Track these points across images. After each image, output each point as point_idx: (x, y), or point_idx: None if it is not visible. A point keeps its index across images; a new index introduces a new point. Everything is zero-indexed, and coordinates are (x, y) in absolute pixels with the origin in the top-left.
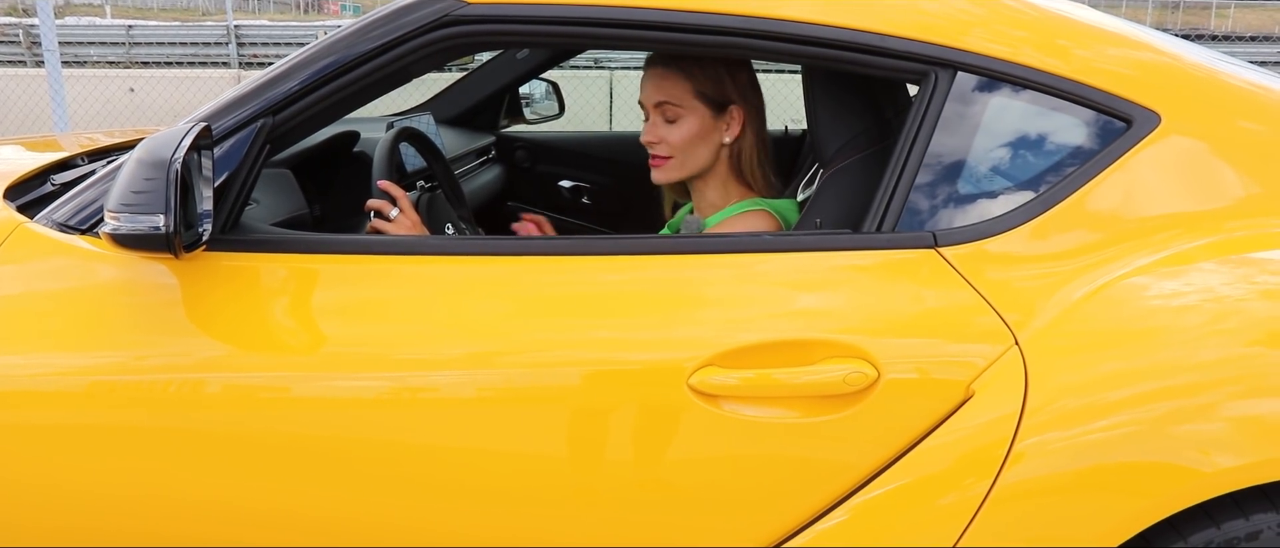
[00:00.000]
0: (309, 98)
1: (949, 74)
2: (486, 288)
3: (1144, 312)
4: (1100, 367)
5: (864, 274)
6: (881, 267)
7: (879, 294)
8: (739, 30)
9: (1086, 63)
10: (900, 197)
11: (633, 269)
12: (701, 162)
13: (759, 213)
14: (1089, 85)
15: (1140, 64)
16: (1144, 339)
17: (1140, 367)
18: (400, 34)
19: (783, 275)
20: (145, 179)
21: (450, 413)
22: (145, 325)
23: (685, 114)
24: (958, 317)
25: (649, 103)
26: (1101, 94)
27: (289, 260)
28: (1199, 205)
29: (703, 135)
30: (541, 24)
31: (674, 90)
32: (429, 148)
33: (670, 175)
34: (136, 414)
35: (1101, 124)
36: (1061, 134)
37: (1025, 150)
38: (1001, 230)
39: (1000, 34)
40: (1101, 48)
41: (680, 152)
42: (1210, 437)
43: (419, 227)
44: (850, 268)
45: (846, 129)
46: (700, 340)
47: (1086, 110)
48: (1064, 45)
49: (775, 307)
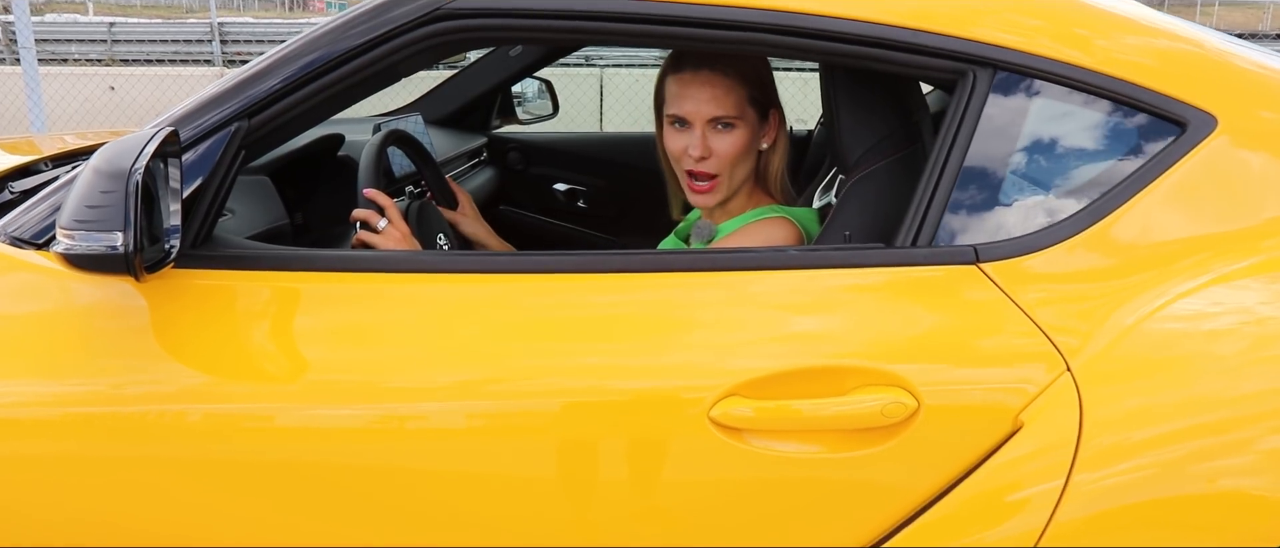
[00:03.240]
0: (288, 99)
1: (988, 73)
2: (484, 309)
3: (1210, 334)
4: (1164, 395)
5: (900, 293)
6: (919, 284)
7: (917, 315)
8: (759, 25)
9: (1136, 61)
10: (937, 207)
11: (645, 288)
12: (743, 175)
13: (779, 221)
14: (1140, 85)
15: (1193, 61)
16: (1210, 365)
17: (1207, 394)
18: (387, 29)
19: (810, 295)
20: (102, 192)
21: (446, 447)
22: (110, 351)
23: (739, 124)
24: (1003, 340)
25: (699, 117)
26: (1154, 95)
27: (268, 279)
28: (1261, 217)
29: (750, 146)
30: (542, 18)
31: (729, 100)
32: (419, 152)
33: (718, 197)
34: (98, 445)
35: (1154, 127)
36: (1111, 139)
37: (1072, 157)
38: (1048, 244)
39: (1042, 30)
40: (1151, 43)
41: (729, 167)
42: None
43: (409, 239)
44: (884, 286)
45: (871, 133)
46: (721, 368)
47: (1138, 113)
48: (1110, 42)
49: (803, 330)
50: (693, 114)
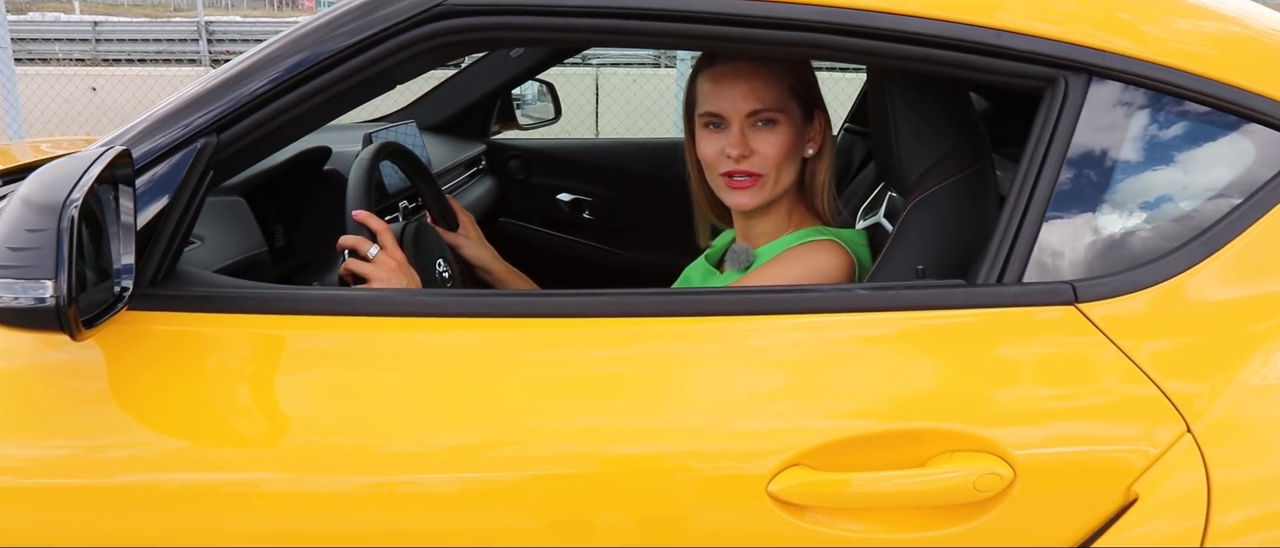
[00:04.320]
0: (264, 111)
1: (1082, 80)
2: (498, 361)
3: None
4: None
5: (987, 340)
6: (1008, 329)
7: (1008, 367)
8: (811, 24)
9: (1253, 64)
10: (1026, 237)
11: (685, 337)
12: (787, 182)
13: (827, 245)
14: (1259, 94)
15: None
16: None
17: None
18: (379, 30)
19: (883, 343)
20: (29, 230)
21: (452, 522)
22: (59, 413)
23: (782, 120)
24: (1111, 396)
25: (736, 113)
26: (1274, 104)
27: (243, 323)
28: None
29: (796, 147)
30: (556, 16)
31: (769, 92)
32: (415, 166)
33: (760, 198)
34: (49, 523)
35: (1276, 143)
36: (1228, 157)
37: (1184, 177)
38: (1159, 279)
39: (1148, 31)
40: (1266, 44)
41: (774, 167)
42: None
43: (404, 269)
44: (968, 332)
45: (933, 148)
46: (780, 433)
47: (1258, 126)
48: (1221, 47)
49: (874, 386)
50: (729, 110)
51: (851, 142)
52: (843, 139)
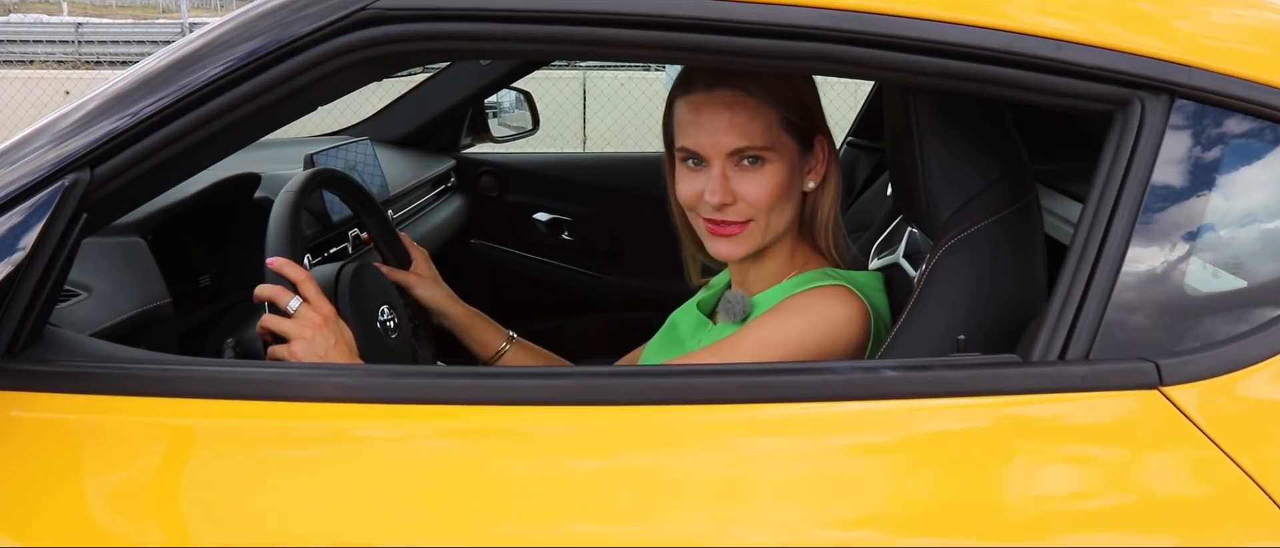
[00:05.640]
0: (150, 139)
1: (1163, 101)
2: (464, 470)
3: None
4: None
5: (1051, 435)
6: (1078, 420)
7: (1080, 469)
8: (815, 30)
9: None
10: (1096, 302)
11: (670, 436)
12: (783, 224)
13: (835, 291)
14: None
15: None
16: None
17: None
18: (289, 41)
19: (915, 444)
20: None
21: None
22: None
23: (772, 157)
24: (1208, 503)
25: (717, 151)
26: None
27: (125, 408)
28: None
29: (792, 183)
30: (507, 23)
31: (755, 126)
32: (358, 196)
33: (748, 246)
34: None
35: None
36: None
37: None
38: (1264, 356)
39: (1236, 46)
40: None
41: (765, 211)
42: None
43: (331, 324)
44: (1027, 425)
45: (969, 182)
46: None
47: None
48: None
49: (915, 498)
50: (709, 147)
51: (855, 157)
52: (845, 154)
